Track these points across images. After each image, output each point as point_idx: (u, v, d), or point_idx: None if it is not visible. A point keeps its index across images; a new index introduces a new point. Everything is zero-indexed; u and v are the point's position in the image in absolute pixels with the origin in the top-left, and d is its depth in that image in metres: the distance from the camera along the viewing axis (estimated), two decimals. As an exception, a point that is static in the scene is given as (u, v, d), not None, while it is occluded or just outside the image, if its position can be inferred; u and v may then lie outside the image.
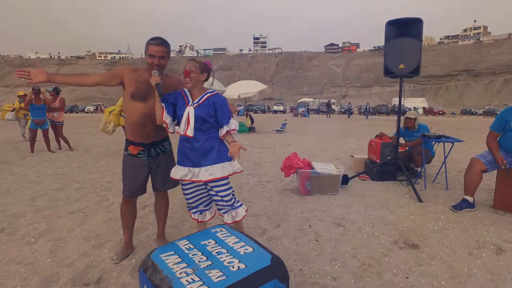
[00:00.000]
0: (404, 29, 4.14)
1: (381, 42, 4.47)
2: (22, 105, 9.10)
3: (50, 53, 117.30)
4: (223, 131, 2.23)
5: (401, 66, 4.16)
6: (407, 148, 5.16)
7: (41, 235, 2.91)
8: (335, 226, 3.09)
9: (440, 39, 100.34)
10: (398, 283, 2.12)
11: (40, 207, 3.65)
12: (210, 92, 2.25)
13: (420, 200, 3.79)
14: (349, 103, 34.29)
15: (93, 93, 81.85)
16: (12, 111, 9.60)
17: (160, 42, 2.22)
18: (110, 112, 7.18)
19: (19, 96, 9.27)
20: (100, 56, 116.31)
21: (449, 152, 4.56)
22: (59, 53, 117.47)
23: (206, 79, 2.28)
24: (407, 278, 2.18)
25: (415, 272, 2.25)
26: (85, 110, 48.93)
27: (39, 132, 7.66)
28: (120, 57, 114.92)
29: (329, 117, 31.44)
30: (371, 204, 3.74)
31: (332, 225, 3.12)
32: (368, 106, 32.46)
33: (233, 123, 2.25)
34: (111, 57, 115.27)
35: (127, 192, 2.40)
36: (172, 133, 2.33)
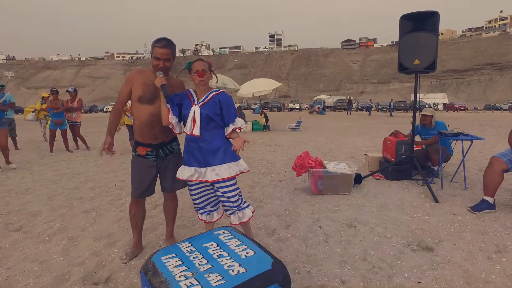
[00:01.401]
0: (420, 23, 4.00)
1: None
2: (44, 106, 9.40)
3: (71, 55, 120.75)
4: (229, 129, 2.22)
5: (416, 61, 4.02)
6: (423, 146, 5.00)
7: (55, 233, 2.98)
8: (346, 227, 3.03)
9: (462, 32, 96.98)
10: (410, 287, 2.05)
11: (56, 206, 3.75)
12: (215, 91, 2.24)
13: (436, 200, 3.65)
14: (370, 100, 33.06)
15: (111, 93, 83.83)
16: (33, 112, 9.94)
17: (165, 44, 2.21)
18: None
19: (42, 98, 9.58)
20: (118, 57, 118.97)
21: (467, 150, 4.38)
22: (79, 54, 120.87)
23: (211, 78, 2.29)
24: (419, 282, 2.10)
25: (428, 276, 2.16)
26: (104, 110, 50.12)
27: (58, 132, 7.90)
28: (137, 57, 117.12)
29: (350, 114, 30.37)
30: (384, 204, 3.65)
31: (343, 226, 3.05)
32: (392, 103, 31.19)
33: (239, 121, 2.23)
34: (129, 57, 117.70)
35: (135, 193, 2.42)
36: (179, 133, 2.33)
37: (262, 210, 3.51)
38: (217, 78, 2.51)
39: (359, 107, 40.88)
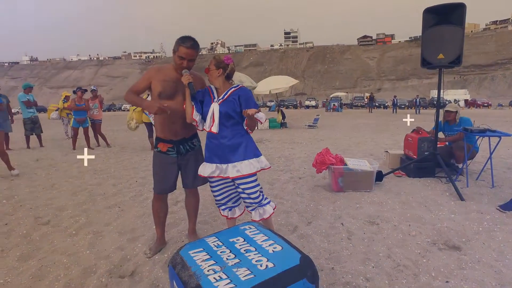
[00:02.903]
0: (444, 16, 3.87)
1: (418, 32, 4.22)
2: (66, 105, 9.69)
3: (89, 55, 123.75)
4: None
5: (440, 56, 3.90)
6: (446, 143, 4.85)
7: (81, 228, 3.07)
8: (368, 224, 2.98)
9: (486, 25, 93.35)
10: (437, 287, 2.00)
11: (80, 201, 3.85)
12: (235, 87, 2.24)
13: (462, 199, 3.54)
14: (395, 96, 30.99)
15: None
16: (56, 110, 10.26)
17: (191, 45, 2.21)
18: (134, 110, 7.49)
19: (65, 97, 9.89)
20: (135, 56, 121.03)
21: (495, 147, 4.22)
22: (97, 54, 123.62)
23: (225, 74, 2.22)
24: (447, 282, 2.04)
25: (456, 276, 2.10)
26: (122, 108, 51.17)
27: (80, 130, 8.14)
28: (154, 56, 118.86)
29: (371, 111, 29.17)
30: (407, 201, 3.57)
31: (365, 223, 3.00)
32: (418, 100, 28.78)
33: (260, 115, 2.20)
34: (146, 57, 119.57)
35: (157, 188, 2.45)
36: (201, 130, 2.35)
37: (283, 206, 3.49)
38: (232, 73, 2.46)
39: (376, 104, 40.03)
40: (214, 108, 2.17)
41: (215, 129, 2.16)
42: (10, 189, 4.46)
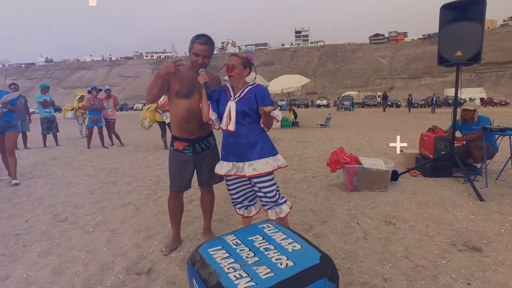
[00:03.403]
0: (462, 12, 3.78)
1: (432, 29, 4.15)
2: (81, 104, 9.88)
3: (102, 55, 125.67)
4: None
5: (458, 53, 3.82)
6: (464, 142, 4.74)
7: (98, 225, 3.12)
8: (384, 224, 2.94)
9: (504, 21, 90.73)
10: (459, 289, 1.95)
11: (96, 199, 3.91)
12: (251, 85, 2.24)
13: (481, 199, 3.46)
14: (410, 95, 29.79)
15: (140, 91, 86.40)
16: (71, 110, 10.47)
17: (205, 41, 2.23)
18: (147, 109, 7.57)
19: (80, 97, 10.07)
20: (147, 56, 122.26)
21: (516, 147, 4.10)
22: (110, 54, 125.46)
23: (248, 74, 2.27)
24: (469, 284, 1.99)
25: (478, 278, 2.04)
26: (134, 108, 51.74)
27: (95, 129, 8.28)
28: (165, 56, 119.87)
29: (385, 110, 28.42)
30: (423, 201, 3.50)
31: (381, 223, 2.96)
32: (435, 98, 27.19)
33: (276, 113, 2.18)
34: (157, 57, 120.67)
35: (173, 187, 2.47)
36: (218, 129, 2.35)
37: (297, 206, 3.48)
38: (255, 74, 2.49)
39: (389, 103, 39.37)
40: (231, 106, 2.16)
41: (231, 127, 2.15)
42: (29, 186, 4.57)
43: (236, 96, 2.20)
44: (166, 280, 2.13)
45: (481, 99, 40.71)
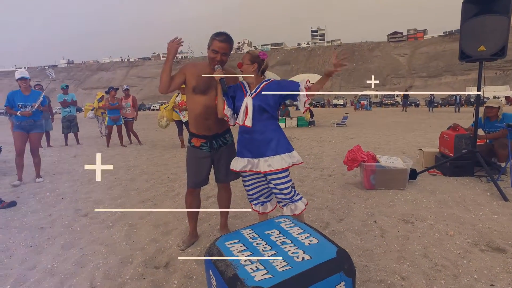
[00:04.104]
0: (486, 6, 3.66)
1: (453, 26, 4.03)
2: (101, 104, 10.14)
3: (121, 57, 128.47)
4: (301, 94, 2.15)
5: (482, 48, 3.70)
6: (487, 141, 4.59)
7: (117, 220, 3.20)
8: (402, 223, 2.88)
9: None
10: (481, 289, 1.89)
11: (115, 196, 4.01)
12: (266, 81, 2.25)
13: (506, 199, 3.34)
14: (431, 94, 29.26)
15: (157, 92, 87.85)
16: (92, 110, 10.77)
17: (224, 39, 2.25)
18: (164, 108, 7.69)
19: (101, 97, 10.36)
20: (164, 57, 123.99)
21: (542, 145, 3.94)
22: (128, 56, 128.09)
23: (259, 69, 2.25)
24: (492, 285, 1.93)
25: (502, 280, 1.98)
26: (151, 108, 52.69)
27: (114, 129, 8.48)
28: (182, 57, 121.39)
29: (406, 110, 27.64)
30: (443, 200, 3.41)
31: (399, 221, 2.91)
32: (459, 97, 26.76)
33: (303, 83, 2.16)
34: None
35: (191, 183, 2.50)
36: (233, 125, 2.37)
37: (314, 203, 3.46)
38: (265, 69, 2.47)
39: (409, 102, 38.37)
40: (248, 101, 2.18)
41: (248, 122, 2.17)
42: (52, 182, 4.73)
43: (252, 92, 2.22)
44: (183, 274, 2.17)
45: (506, 97, 39.19)
